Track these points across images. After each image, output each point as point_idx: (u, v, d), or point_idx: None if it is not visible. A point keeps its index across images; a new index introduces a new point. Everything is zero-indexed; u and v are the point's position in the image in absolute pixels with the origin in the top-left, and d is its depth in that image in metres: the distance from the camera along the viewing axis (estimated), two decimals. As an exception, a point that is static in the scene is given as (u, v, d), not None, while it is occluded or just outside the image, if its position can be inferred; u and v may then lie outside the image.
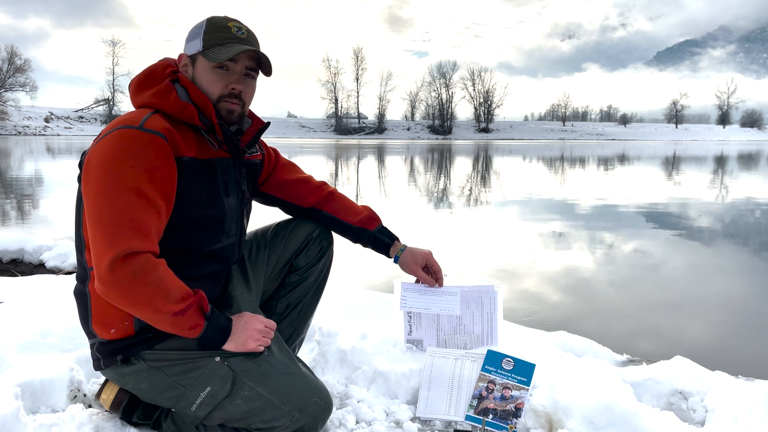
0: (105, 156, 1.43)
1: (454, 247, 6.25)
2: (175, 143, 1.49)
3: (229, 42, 1.56)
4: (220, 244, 1.65)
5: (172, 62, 1.66)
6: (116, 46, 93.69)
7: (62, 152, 28.75)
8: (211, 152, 1.60)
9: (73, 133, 76.62)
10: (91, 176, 1.44)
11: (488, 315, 2.08)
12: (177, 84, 1.59)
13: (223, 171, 1.62)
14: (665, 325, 3.78)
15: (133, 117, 1.50)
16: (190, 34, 1.61)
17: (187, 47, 1.61)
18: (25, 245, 4.43)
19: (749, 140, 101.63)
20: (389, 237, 1.93)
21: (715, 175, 18.59)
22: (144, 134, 1.45)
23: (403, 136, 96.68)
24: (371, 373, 2.03)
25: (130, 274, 1.37)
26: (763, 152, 40.58)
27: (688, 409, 1.87)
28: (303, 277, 1.91)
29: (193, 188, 1.54)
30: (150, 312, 1.42)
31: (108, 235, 1.38)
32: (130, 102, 1.62)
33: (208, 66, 1.57)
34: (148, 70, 1.62)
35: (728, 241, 6.92)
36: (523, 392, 1.83)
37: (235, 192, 1.66)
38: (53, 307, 2.57)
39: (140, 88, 1.60)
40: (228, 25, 1.59)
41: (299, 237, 1.89)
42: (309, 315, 2.00)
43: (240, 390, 1.52)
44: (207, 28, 1.58)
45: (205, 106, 1.56)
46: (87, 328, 1.59)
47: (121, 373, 1.58)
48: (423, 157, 29.76)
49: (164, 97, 1.54)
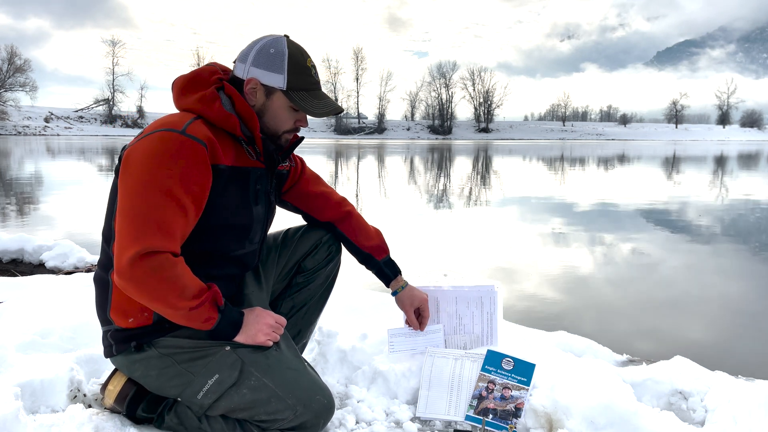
0: (145, 155, 1.47)
1: (454, 247, 6.26)
2: (214, 151, 1.52)
3: (312, 89, 1.63)
4: (244, 250, 1.69)
5: (219, 69, 1.67)
6: (116, 46, 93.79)
7: (62, 152, 28.75)
8: (247, 161, 1.64)
9: (73, 133, 76.63)
10: (129, 172, 1.47)
11: (488, 315, 2.08)
12: (222, 92, 1.60)
13: (255, 180, 1.66)
14: (665, 325, 3.78)
15: (176, 120, 1.52)
16: (267, 62, 1.59)
17: (262, 75, 1.59)
18: (25, 245, 4.43)
19: (749, 140, 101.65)
20: (393, 271, 1.98)
21: (714, 175, 18.59)
22: (185, 139, 1.48)
23: (403, 136, 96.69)
24: (371, 373, 2.03)
25: (149, 270, 1.41)
26: (763, 152, 40.58)
27: (688, 409, 1.87)
28: (310, 279, 1.94)
29: (225, 195, 1.58)
30: (165, 307, 1.46)
31: (135, 230, 1.42)
32: (173, 102, 1.63)
33: (286, 104, 1.62)
34: (195, 74, 1.64)
35: (728, 240, 6.92)
36: (522, 392, 1.83)
37: (264, 201, 1.71)
38: (53, 307, 2.57)
39: (185, 90, 1.61)
40: (308, 65, 1.63)
41: (309, 241, 1.93)
42: (314, 318, 2.02)
43: (247, 379, 1.56)
44: (290, 66, 1.59)
45: (250, 119, 1.59)
46: (103, 315, 1.62)
47: (132, 360, 1.61)
48: (423, 157, 29.76)
49: (209, 104, 1.56)
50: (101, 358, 2.03)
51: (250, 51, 1.61)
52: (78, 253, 4.31)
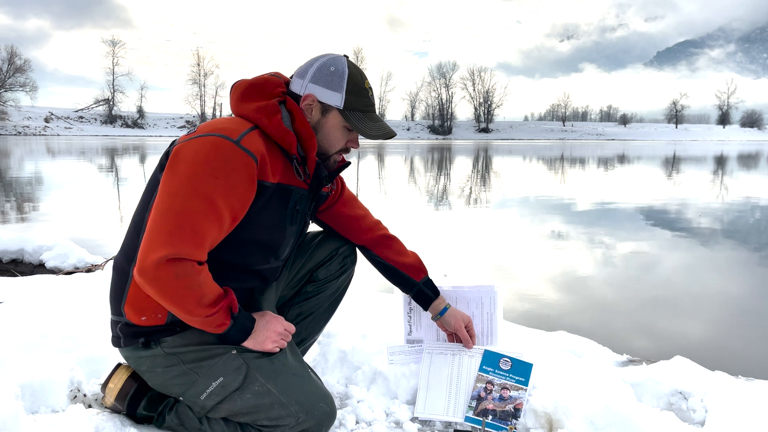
0: (194, 157, 1.44)
1: (454, 247, 6.26)
2: (263, 168, 1.49)
3: (368, 110, 1.62)
4: (268, 266, 1.68)
5: (283, 81, 1.63)
6: (116, 47, 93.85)
7: (62, 152, 28.75)
8: (293, 180, 1.61)
9: (73, 133, 76.64)
10: (174, 171, 1.45)
11: (488, 315, 2.08)
12: (283, 106, 1.57)
13: (296, 201, 1.64)
14: (665, 325, 3.78)
15: (232, 128, 1.49)
16: (326, 80, 1.57)
17: (320, 92, 1.57)
18: (25, 245, 4.42)
19: (749, 140, 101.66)
20: (433, 291, 1.96)
21: (715, 175, 18.59)
22: (237, 150, 1.44)
23: (403, 136, 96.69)
24: (371, 373, 2.03)
25: (173, 275, 1.39)
26: (763, 152, 40.58)
27: (688, 409, 1.86)
28: (320, 290, 1.93)
29: (265, 211, 1.55)
30: (182, 311, 1.46)
31: (168, 233, 1.40)
32: (231, 105, 1.60)
33: (341, 124, 1.60)
34: (259, 81, 1.60)
35: (728, 240, 6.92)
36: (521, 392, 1.83)
37: (299, 222, 1.68)
38: (53, 307, 2.56)
39: (245, 97, 1.57)
40: (366, 87, 1.61)
41: (325, 250, 1.92)
42: (319, 328, 2.02)
43: (251, 384, 1.56)
44: (349, 86, 1.57)
45: (308, 139, 1.57)
46: (116, 305, 1.60)
47: (139, 355, 1.61)
48: (423, 157, 29.75)
49: (268, 116, 1.53)
50: (101, 358, 2.03)
51: (310, 67, 1.59)
52: (78, 253, 4.31)
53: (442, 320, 1.98)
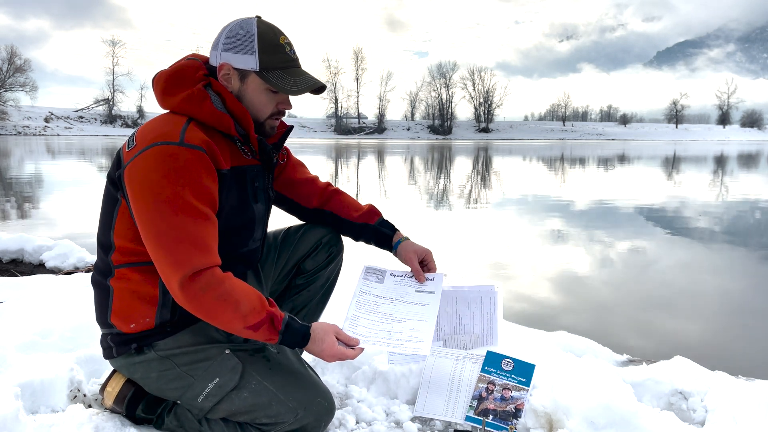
0: (150, 176, 1.41)
1: (454, 246, 6.25)
2: (213, 155, 1.47)
3: (288, 66, 1.54)
4: (248, 248, 1.68)
5: (200, 62, 1.58)
6: (116, 47, 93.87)
7: (62, 152, 28.74)
8: (243, 160, 1.60)
9: (73, 133, 76.63)
10: (140, 198, 1.42)
11: (488, 315, 2.08)
12: (210, 90, 1.52)
13: (253, 178, 1.63)
14: (665, 325, 3.78)
15: (170, 129, 1.45)
16: (237, 44, 1.51)
17: (234, 59, 1.52)
18: (25, 245, 4.42)
19: (749, 140, 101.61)
20: (390, 228, 1.92)
21: (715, 174, 18.59)
22: (185, 150, 1.42)
23: (403, 136, 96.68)
24: (371, 373, 2.03)
25: (198, 291, 1.40)
26: (763, 152, 40.57)
27: (688, 409, 1.86)
28: (310, 281, 1.92)
29: (229, 197, 1.55)
30: (224, 324, 1.45)
31: (171, 256, 1.39)
32: (157, 100, 1.56)
33: (263, 87, 1.54)
34: (177, 69, 1.55)
35: (728, 240, 6.92)
36: (522, 393, 1.83)
37: (263, 198, 1.68)
38: (53, 307, 2.56)
39: (168, 90, 1.53)
40: (281, 43, 1.53)
41: (309, 241, 1.90)
42: (314, 320, 2.00)
43: (248, 383, 1.55)
44: (261, 45, 1.51)
45: (243, 117, 1.53)
46: (103, 319, 1.60)
47: (132, 362, 1.60)
48: (423, 157, 29.75)
49: (198, 104, 1.49)
50: (101, 359, 2.03)
51: (221, 36, 1.54)
52: (78, 253, 4.31)
53: (397, 251, 1.90)
